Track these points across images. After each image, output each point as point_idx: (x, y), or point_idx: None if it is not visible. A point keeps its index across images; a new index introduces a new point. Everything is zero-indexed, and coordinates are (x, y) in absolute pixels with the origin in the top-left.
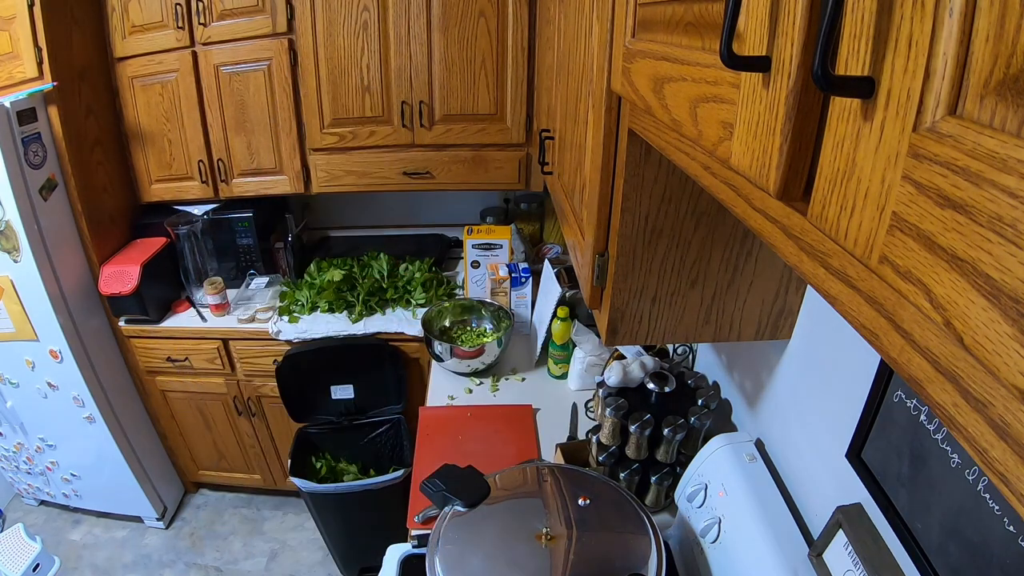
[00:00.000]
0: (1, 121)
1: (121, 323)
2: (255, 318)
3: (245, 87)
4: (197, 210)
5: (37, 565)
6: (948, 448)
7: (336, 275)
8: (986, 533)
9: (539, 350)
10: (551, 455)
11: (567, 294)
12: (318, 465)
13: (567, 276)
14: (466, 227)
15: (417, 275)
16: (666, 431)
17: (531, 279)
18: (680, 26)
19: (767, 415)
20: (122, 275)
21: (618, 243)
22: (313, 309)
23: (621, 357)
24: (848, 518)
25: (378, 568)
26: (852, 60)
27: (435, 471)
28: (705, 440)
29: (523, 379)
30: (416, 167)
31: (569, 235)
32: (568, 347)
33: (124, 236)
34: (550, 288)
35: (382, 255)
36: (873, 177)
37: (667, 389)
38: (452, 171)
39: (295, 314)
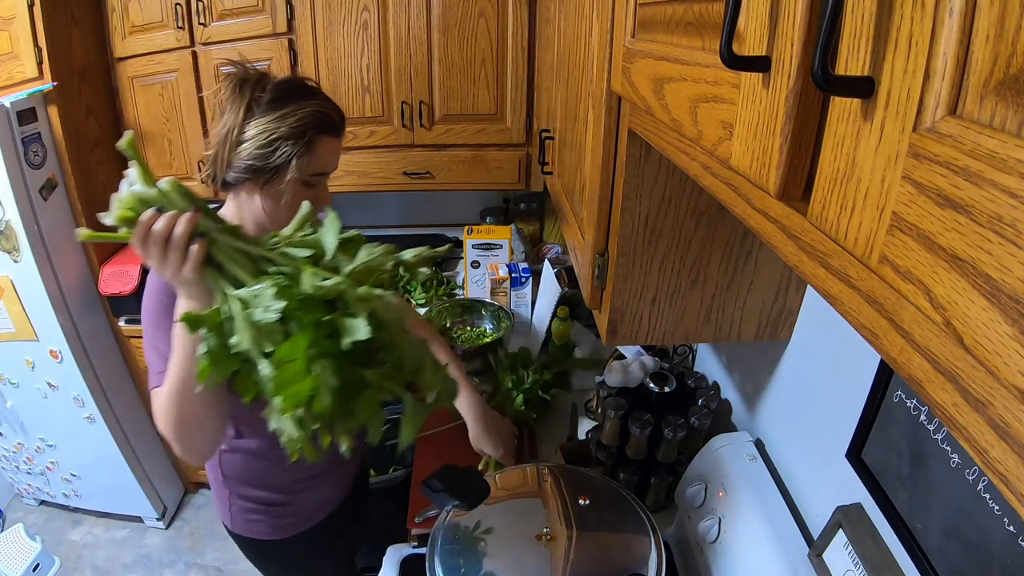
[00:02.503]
0: (1, 121)
1: (121, 323)
2: None
3: None
4: None
5: (37, 565)
6: (948, 448)
7: None
8: (986, 533)
9: (539, 350)
10: (551, 455)
11: (567, 294)
12: None
13: (567, 276)
14: (466, 227)
15: None
16: (666, 431)
17: (531, 279)
18: (680, 26)
19: (767, 415)
20: (122, 275)
21: (618, 243)
22: None
23: (621, 357)
24: (848, 518)
25: (378, 568)
26: (852, 60)
27: (435, 471)
28: (705, 440)
29: None
30: (416, 167)
31: (569, 235)
32: (568, 347)
33: None
34: (550, 288)
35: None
36: (873, 177)
37: (667, 389)
38: (452, 171)
39: None
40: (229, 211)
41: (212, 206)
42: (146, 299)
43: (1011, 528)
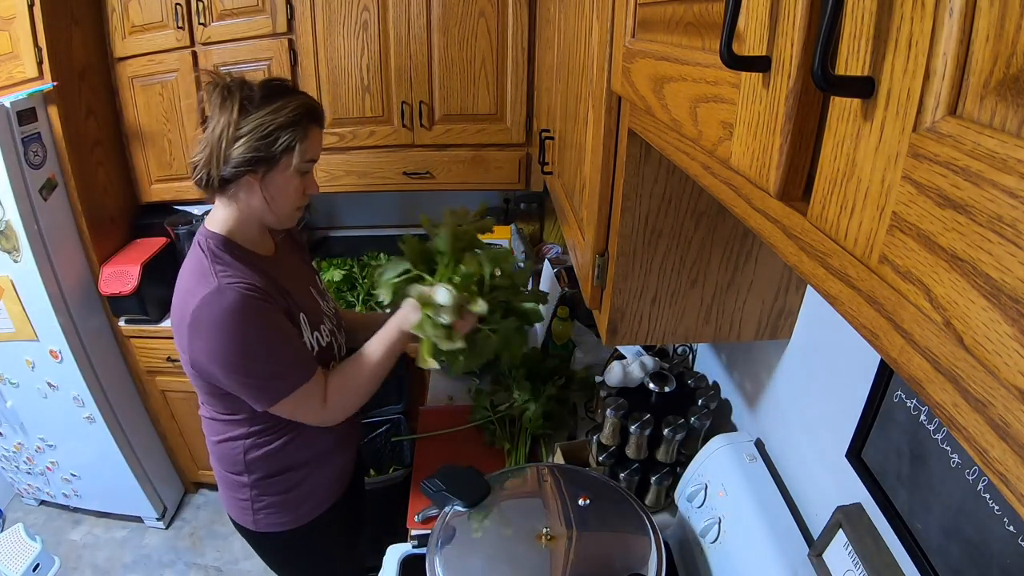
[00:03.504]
0: (1, 121)
1: (121, 323)
2: None
3: None
4: (197, 210)
5: (37, 565)
6: (948, 448)
7: (336, 275)
8: (986, 533)
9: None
10: (551, 455)
11: (567, 294)
12: None
13: (567, 276)
14: None
15: None
16: (666, 431)
17: (531, 279)
18: (680, 26)
19: (767, 415)
20: (122, 275)
21: (618, 243)
22: None
23: (621, 357)
24: (848, 518)
25: (378, 568)
26: (852, 60)
27: (435, 471)
28: (705, 440)
29: None
30: (416, 167)
31: (569, 235)
32: (568, 347)
33: (124, 236)
34: (550, 288)
35: (382, 255)
36: (873, 177)
37: (667, 389)
38: (452, 171)
39: None
40: (221, 215)
41: (212, 207)
42: (238, 336)
43: (1011, 528)
